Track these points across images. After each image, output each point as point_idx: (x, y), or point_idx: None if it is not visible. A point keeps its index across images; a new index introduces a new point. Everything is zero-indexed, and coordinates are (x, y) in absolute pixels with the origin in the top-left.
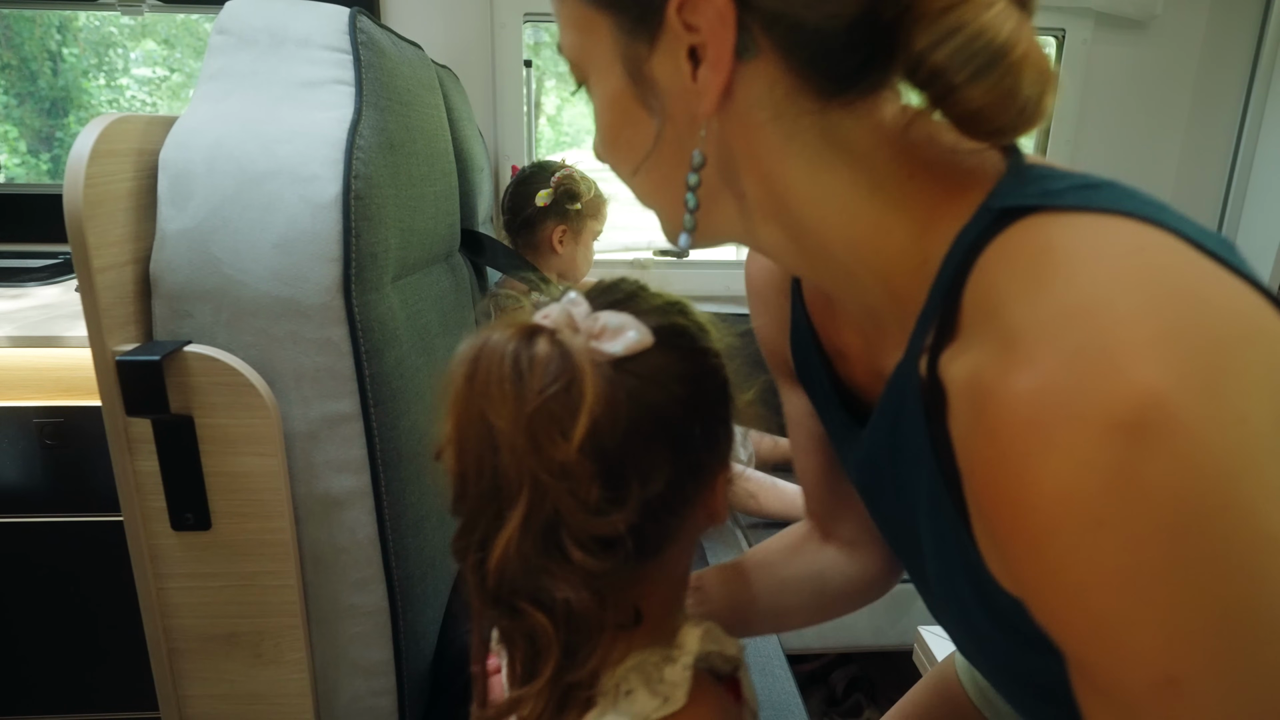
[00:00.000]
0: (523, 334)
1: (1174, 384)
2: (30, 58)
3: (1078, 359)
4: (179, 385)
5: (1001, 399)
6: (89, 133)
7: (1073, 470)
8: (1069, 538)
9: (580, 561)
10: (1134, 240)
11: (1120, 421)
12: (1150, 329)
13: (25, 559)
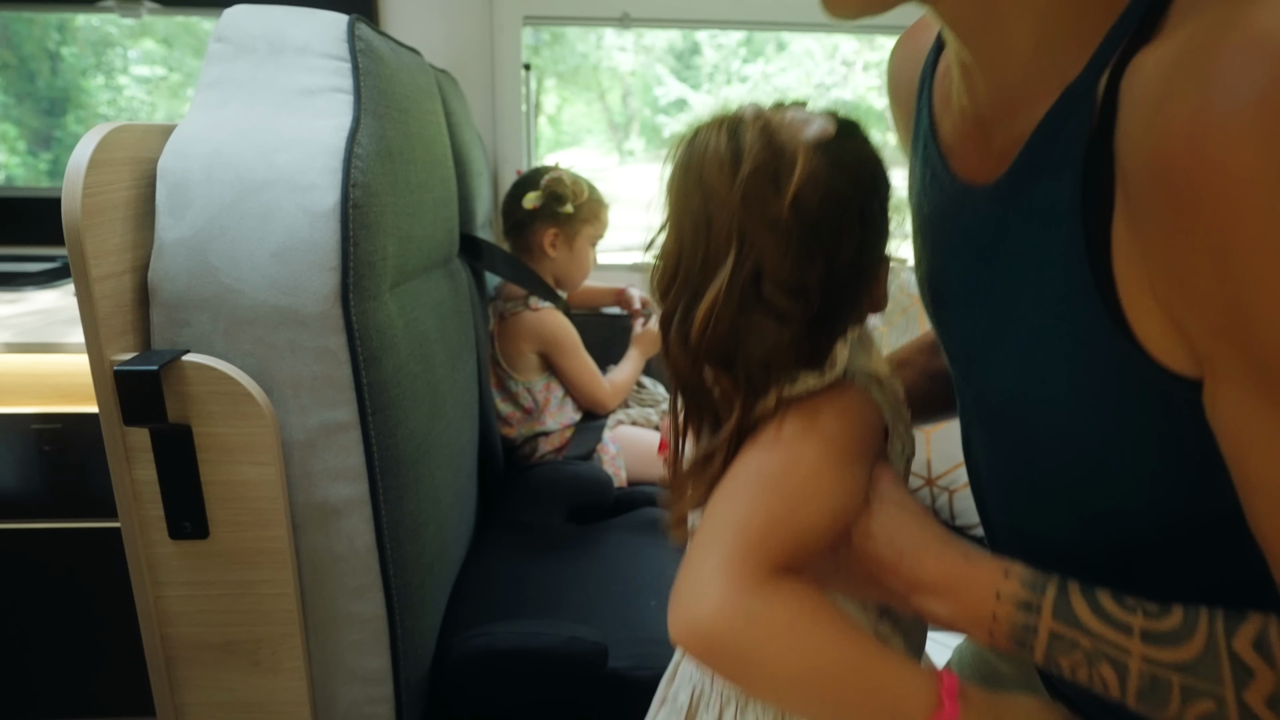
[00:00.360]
0: (731, 122)
1: None
2: (29, 57)
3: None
4: (177, 394)
5: (1231, 39)
6: (87, 142)
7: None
8: (1264, 193)
9: (777, 305)
10: None
11: None
12: None
13: (24, 565)
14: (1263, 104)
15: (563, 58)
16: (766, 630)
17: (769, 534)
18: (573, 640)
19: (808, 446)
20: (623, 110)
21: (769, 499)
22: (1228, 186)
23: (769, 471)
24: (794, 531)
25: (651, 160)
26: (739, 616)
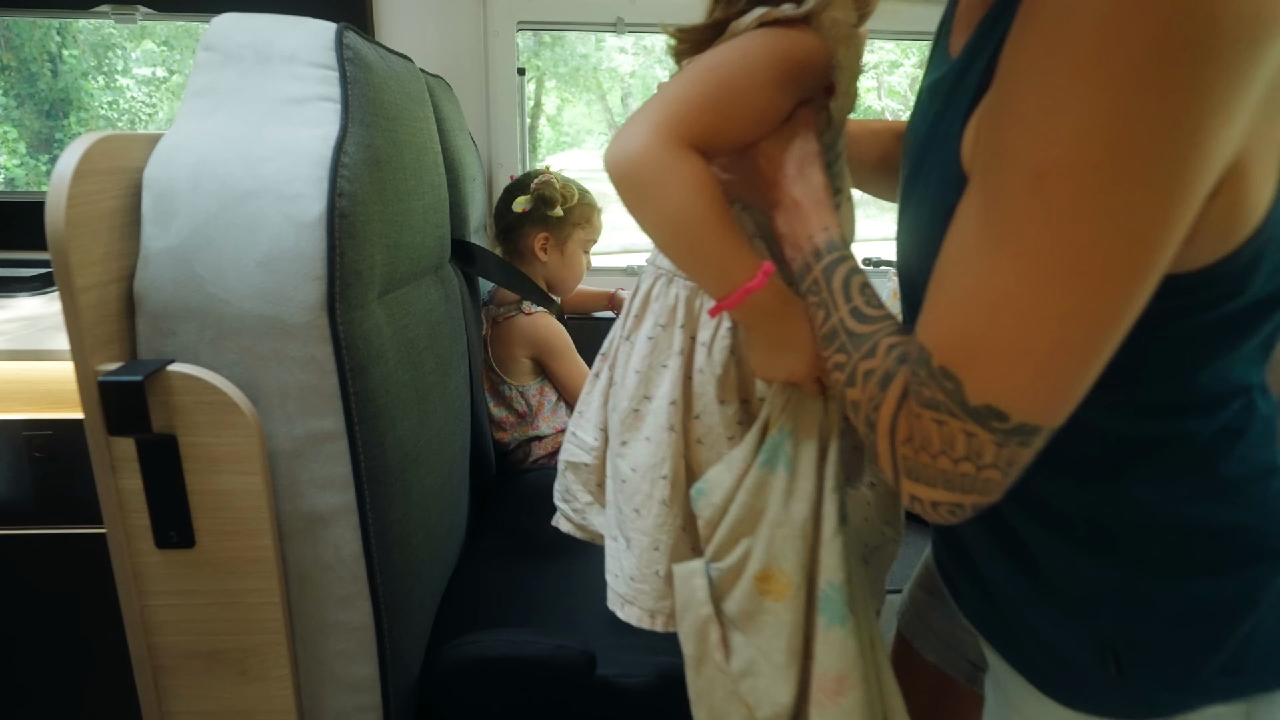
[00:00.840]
0: None
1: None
2: (30, 59)
3: None
4: (162, 404)
5: None
6: (72, 152)
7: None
8: (1065, 16)
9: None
10: None
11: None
12: None
13: (13, 571)
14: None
15: (564, 59)
16: (667, 177)
17: (701, 113)
18: (561, 648)
19: (759, 59)
20: (623, 111)
21: (710, 86)
22: (1041, 25)
23: (719, 65)
24: (719, 118)
25: None
26: (653, 159)
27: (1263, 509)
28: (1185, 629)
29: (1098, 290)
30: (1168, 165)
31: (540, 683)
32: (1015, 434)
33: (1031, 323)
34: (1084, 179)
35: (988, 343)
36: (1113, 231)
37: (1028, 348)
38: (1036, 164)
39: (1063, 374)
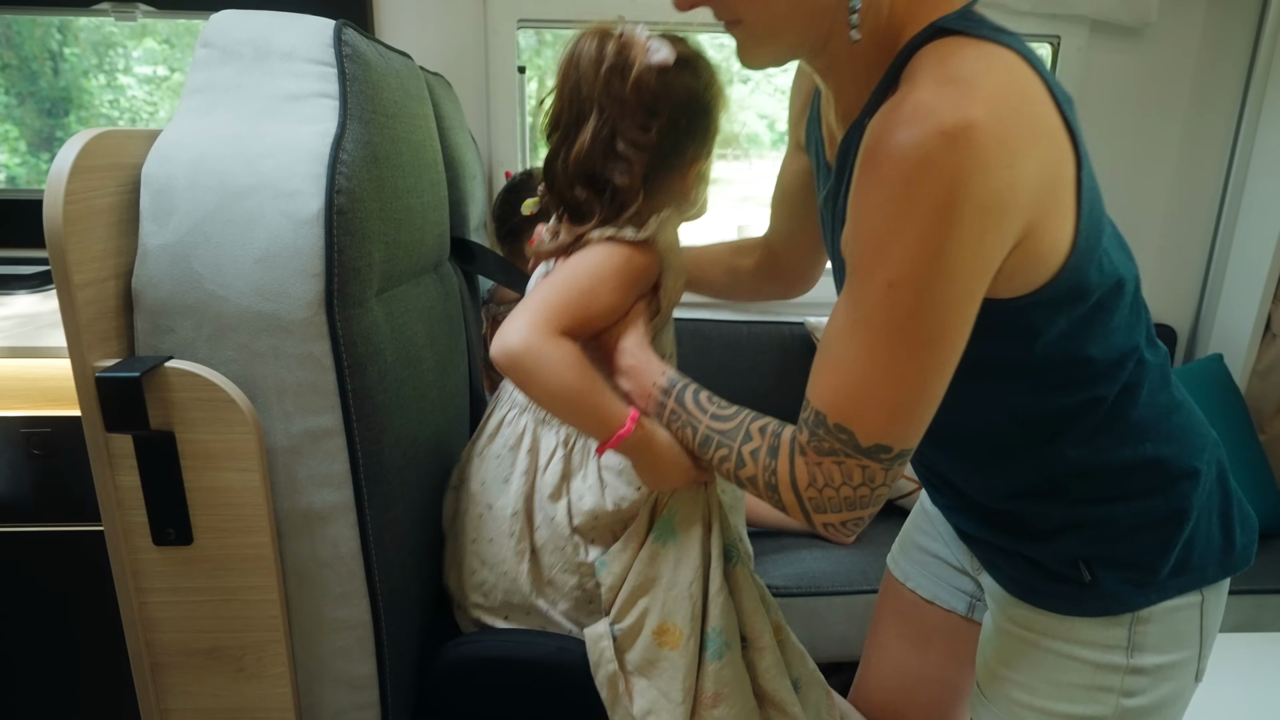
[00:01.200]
0: (604, 33)
1: (985, 124)
2: (31, 57)
3: (944, 89)
4: (159, 401)
5: (897, 103)
6: (70, 148)
7: (911, 142)
8: (883, 182)
9: (624, 153)
10: (1010, 60)
11: (947, 128)
12: (992, 96)
13: (13, 568)
14: (894, 139)
15: None
16: (546, 360)
17: (566, 308)
18: (561, 650)
19: (608, 270)
20: None
21: (573, 292)
22: (872, 173)
23: (579, 274)
24: (580, 312)
25: None
26: (532, 349)
27: (1170, 439)
28: (1136, 539)
29: (930, 356)
30: (961, 271)
31: (540, 684)
32: (897, 459)
33: (895, 383)
34: (917, 287)
35: (867, 401)
36: (935, 319)
37: (896, 400)
38: (886, 277)
39: (920, 413)
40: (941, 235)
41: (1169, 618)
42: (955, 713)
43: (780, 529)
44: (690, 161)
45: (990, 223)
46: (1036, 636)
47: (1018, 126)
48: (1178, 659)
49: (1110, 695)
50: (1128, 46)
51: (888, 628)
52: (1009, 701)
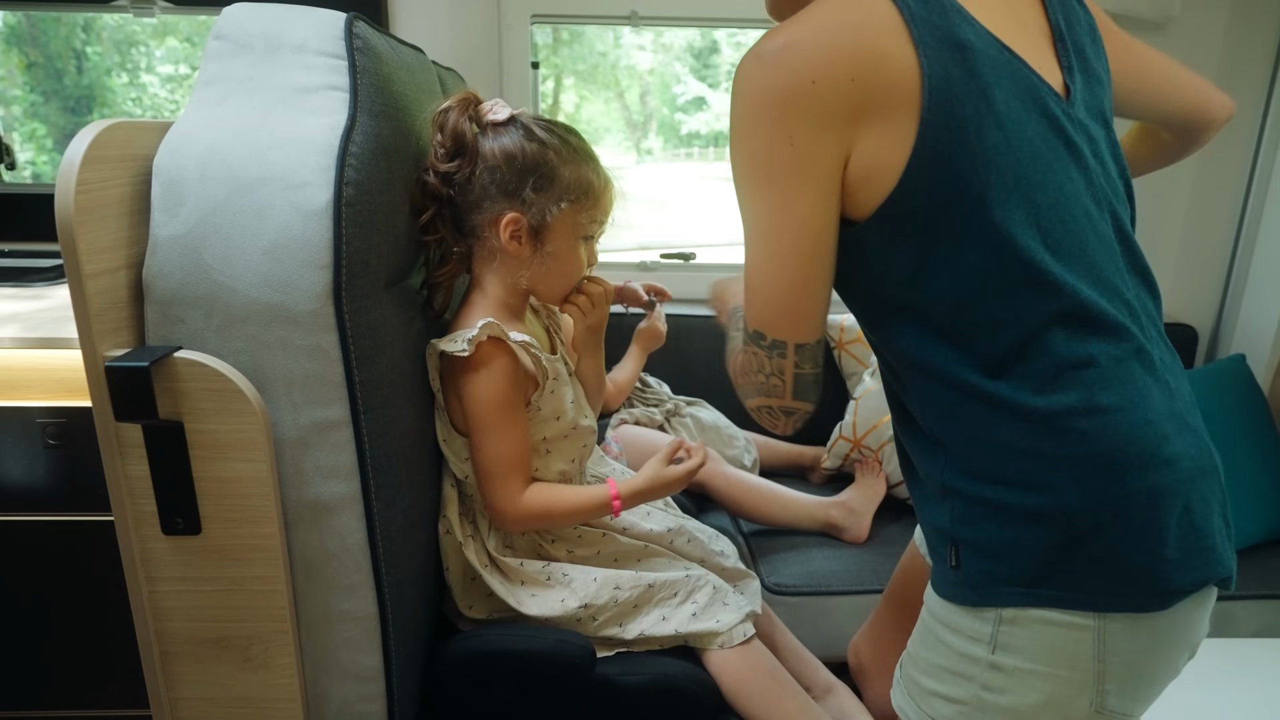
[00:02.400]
0: (466, 99)
1: (793, 43)
2: (56, 56)
3: (780, 26)
4: (169, 391)
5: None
6: (82, 139)
7: (738, 70)
8: (731, 103)
9: (426, 178)
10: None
11: (761, 50)
12: (812, 23)
13: (28, 556)
14: (739, 75)
15: (582, 56)
16: (538, 511)
17: (509, 463)
18: (560, 643)
19: (483, 414)
20: (641, 109)
21: (496, 457)
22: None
23: (476, 430)
24: (516, 451)
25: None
26: (526, 515)
27: (1078, 438)
28: (1005, 529)
29: (772, 248)
30: (778, 171)
31: (540, 677)
32: (773, 348)
33: (756, 275)
34: (747, 188)
35: (750, 294)
36: (767, 214)
37: (759, 290)
38: (736, 182)
39: (772, 301)
40: (752, 138)
41: (1041, 629)
42: None
43: (790, 528)
44: (499, 210)
45: (795, 125)
46: (927, 614)
47: (828, 49)
48: (1052, 673)
49: (970, 683)
50: (1150, 41)
51: (896, 584)
52: (902, 670)
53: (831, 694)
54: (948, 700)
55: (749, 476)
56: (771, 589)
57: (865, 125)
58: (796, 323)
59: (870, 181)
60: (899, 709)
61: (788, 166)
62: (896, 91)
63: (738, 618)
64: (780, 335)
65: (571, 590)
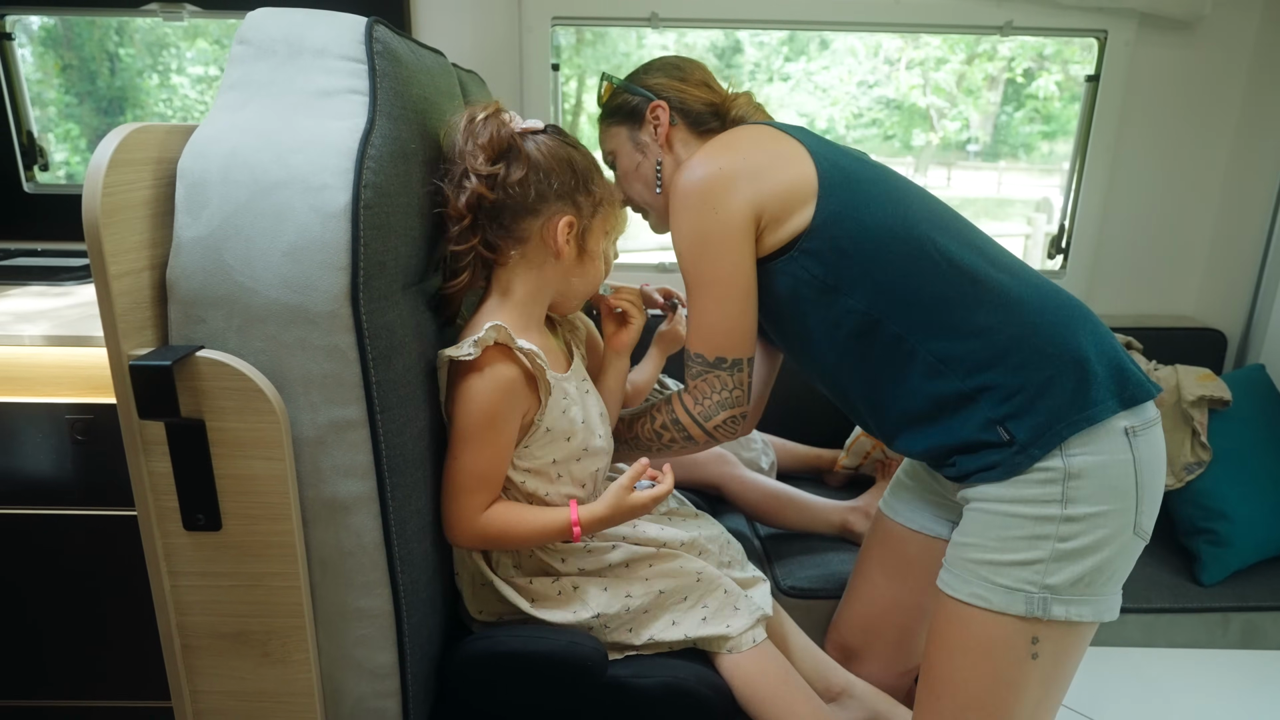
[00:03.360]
0: (484, 108)
1: (690, 179)
2: (90, 58)
3: (695, 162)
4: (191, 389)
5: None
6: (108, 142)
7: (678, 204)
8: (678, 229)
9: (474, 186)
10: (746, 130)
11: (676, 188)
12: (720, 158)
13: (55, 550)
14: (678, 190)
15: (605, 58)
16: (494, 532)
17: (475, 478)
18: (573, 644)
19: (471, 426)
20: None
21: (468, 472)
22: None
23: (457, 441)
24: (487, 469)
25: None
26: (478, 534)
27: (1022, 322)
28: (1034, 390)
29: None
30: (712, 239)
31: (553, 678)
32: (734, 365)
33: (709, 316)
34: (691, 256)
35: (704, 332)
36: (709, 269)
37: (713, 327)
38: (680, 254)
39: (730, 331)
40: (684, 225)
41: (1101, 473)
42: (919, 632)
43: (807, 531)
44: (560, 209)
45: (707, 211)
46: (991, 504)
47: (715, 170)
48: (1110, 509)
49: (1047, 541)
50: (1179, 40)
51: (873, 559)
52: (966, 562)
53: (848, 695)
54: (1025, 564)
55: (765, 481)
56: (787, 591)
57: (773, 205)
58: (737, 342)
59: (786, 229)
60: (970, 597)
61: (721, 236)
62: (795, 177)
63: (748, 622)
64: (737, 354)
65: (583, 603)
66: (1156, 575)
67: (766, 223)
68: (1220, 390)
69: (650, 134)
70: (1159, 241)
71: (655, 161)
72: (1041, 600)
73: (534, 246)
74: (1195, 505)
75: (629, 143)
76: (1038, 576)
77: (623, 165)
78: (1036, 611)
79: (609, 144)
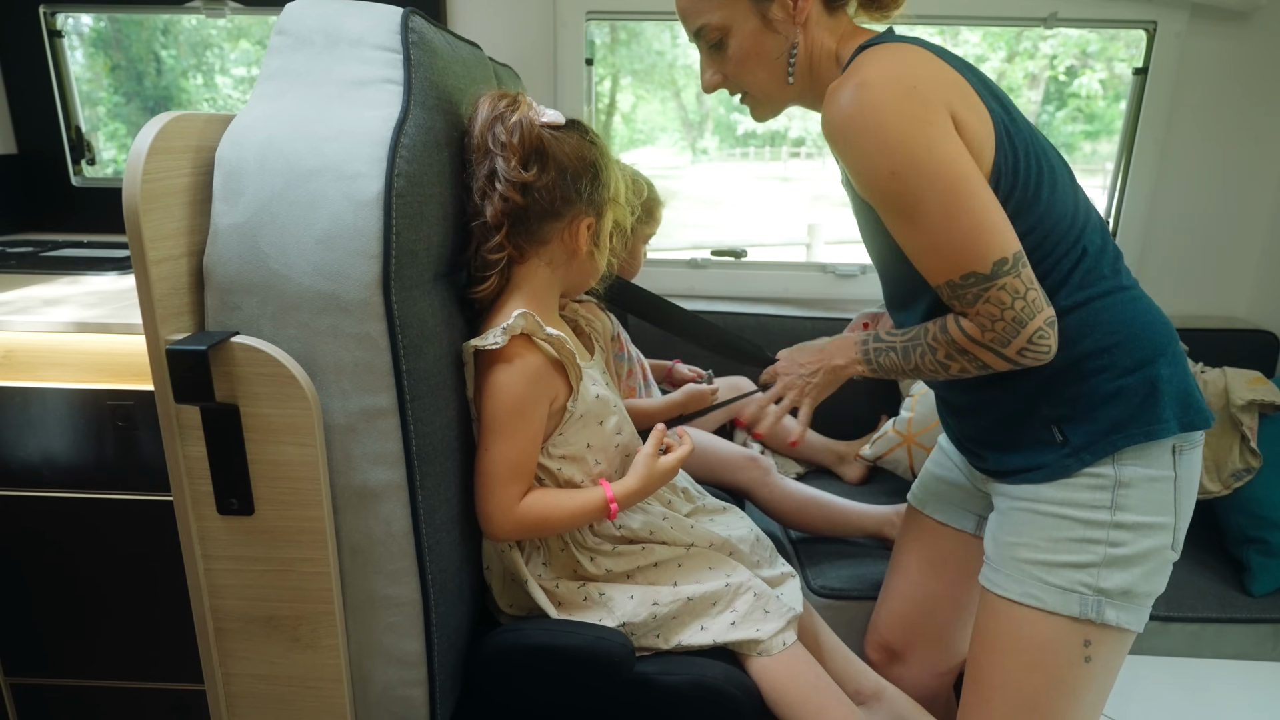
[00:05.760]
0: (504, 97)
1: (880, 72)
2: (137, 59)
3: (847, 77)
4: (225, 375)
5: (829, 89)
6: (148, 130)
7: (841, 101)
8: (842, 134)
9: (505, 191)
10: (903, 46)
11: (855, 84)
12: (881, 64)
13: (95, 533)
14: (844, 110)
15: (639, 56)
16: (534, 519)
17: (510, 467)
18: (599, 640)
19: (501, 414)
20: (697, 108)
21: (501, 460)
22: (836, 140)
23: (487, 430)
24: (520, 457)
25: (725, 159)
26: (518, 523)
27: (1114, 328)
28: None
29: (959, 189)
30: (926, 136)
31: (579, 673)
32: (1016, 262)
33: (960, 222)
34: (910, 164)
35: (958, 246)
36: (937, 172)
37: (969, 228)
38: (888, 170)
39: (992, 224)
40: (890, 132)
41: (1147, 485)
42: (959, 629)
43: (837, 537)
44: (581, 211)
45: (913, 112)
46: (1038, 505)
47: (905, 65)
48: (1154, 522)
49: (1099, 545)
50: (1231, 32)
51: (909, 554)
52: (1017, 562)
53: (878, 699)
54: (1078, 566)
55: (798, 487)
56: (818, 592)
57: (956, 105)
58: (1002, 233)
59: (977, 149)
60: (1023, 596)
61: (932, 134)
62: (957, 86)
63: (779, 625)
64: (1011, 248)
65: (609, 610)
66: (1203, 584)
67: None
68: (1271, 394)
69: (786, 8)
70: (1208, 240)
71: (790, 44)
72: (1096, 603)
73: (554, 247)
74: (1244, 513)
75: (754, 18)
76: (1091, 579)
77: (740, 46)
78: (1090, 614)
79: (716, 14)
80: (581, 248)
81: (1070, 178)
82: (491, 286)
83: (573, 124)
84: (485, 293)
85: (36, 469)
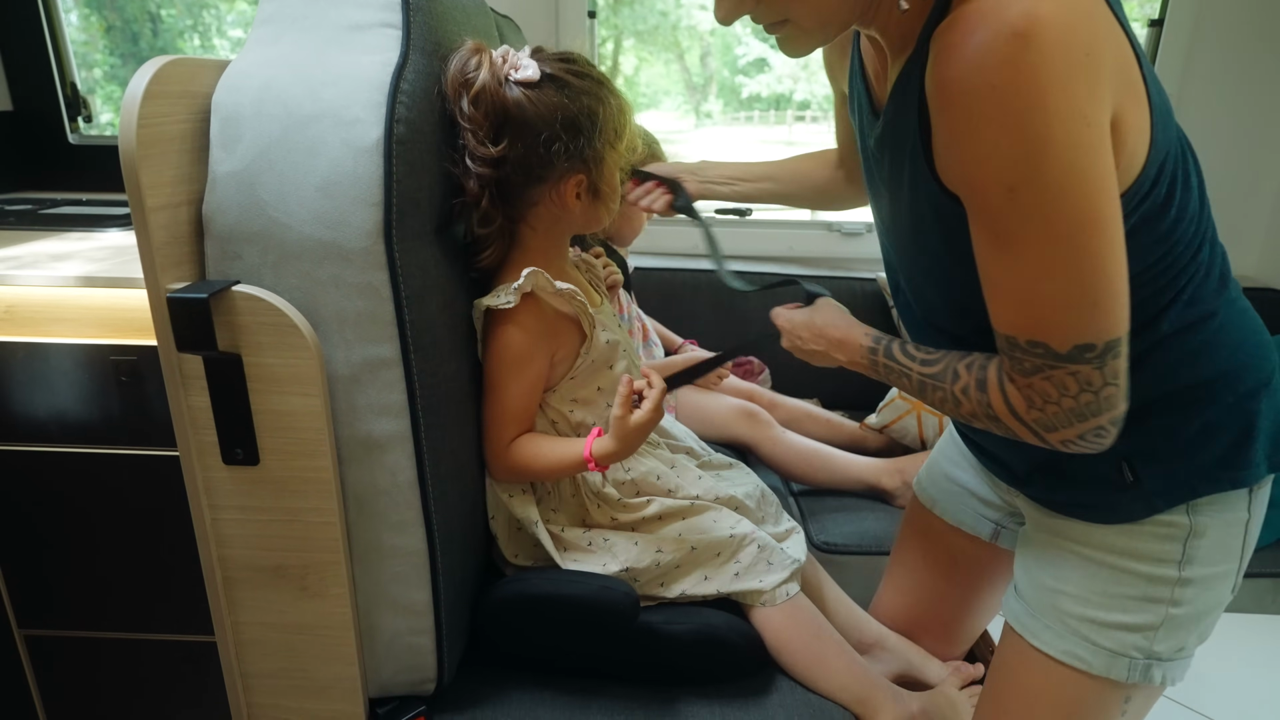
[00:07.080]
0: (472, 49)
1: (1053, 16)
2: (133, 19)
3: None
4: (227, 324)
5: (956, 18)
6: (142, 74)
7: (983, 48)
8: (966, 94)
9: (476, 169)
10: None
11: (1017, 28)
12: (1059, 9)
13: (101, 488)
14: (991, 68)
15: (642, 17)
16: (520, 463)
17: (505, 414)
18: (604, 589)
19: (502, 365)
20: (701, 71)
21: (492, 401)
22: (955, 102)
23: (489, 380)
24: (515, 405)
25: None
26: (508, 466)
27: (1218, 356)
28: (1186, 442)
29: (1084, 240)
30: (1071, 154)
31: (584, 623)
32: (1106, 353)
33: (1063, 280)
34: (1036, 183)
35: (1044, 307)
36: (1068, 205)
37: (1072, 295)
38: (1003, 186)
39: (1103, 298)
40: (1040, 126)
41: (1221, 532)
42: (966, 624)
43: (838, 489)
44: (565, 172)
45: (1079, 103)
46: (1091, 551)
47: (1084, 16)
48: (1222, 570)
49: (1160, 605)
50: (1270, 24)
51: (914, 549)
52: (1059, 612)
53: (882, 647)
54: (1134, 629)
55: (797, 439)
56: (820, 547)
57: (1123, 92)
58: (1120, 309)
59: (1130, 150)
60: (1065, 655)
61: (1082, 146)
62: (1126, 51)
63: (782, 576)
64: (1111, 335)
65: (613, 555)
66: None
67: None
68: None
69: None
70: (1219, 195)
71: None
72: (1144, 667)
73: (546, 205)
74: None
75: None
76: (1146, 643)
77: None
78: (1137, 678)
79: None
80: (572, 206)
81: (1194, 157)
82: (494, 254)
83: (551, 77)
84: (489, 261)
85: (43, 424)
